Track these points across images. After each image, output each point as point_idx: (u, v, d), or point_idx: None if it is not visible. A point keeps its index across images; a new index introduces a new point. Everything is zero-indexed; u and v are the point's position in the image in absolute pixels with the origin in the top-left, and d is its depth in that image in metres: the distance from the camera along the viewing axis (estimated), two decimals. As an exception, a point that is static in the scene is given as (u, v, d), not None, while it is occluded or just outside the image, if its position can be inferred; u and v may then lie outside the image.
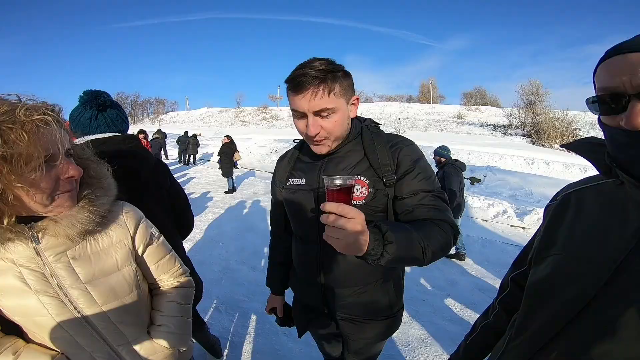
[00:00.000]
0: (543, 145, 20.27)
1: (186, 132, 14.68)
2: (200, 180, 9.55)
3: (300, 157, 1.13)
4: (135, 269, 0.88)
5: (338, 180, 0.69)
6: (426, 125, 28.96)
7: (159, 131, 13.87)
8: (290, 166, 1.12)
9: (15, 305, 0.72)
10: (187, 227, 1.59)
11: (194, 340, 1.81)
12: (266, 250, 4.02)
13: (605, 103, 0.54)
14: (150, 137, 10.77)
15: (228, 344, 2.27)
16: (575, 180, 0.74)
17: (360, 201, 0.94)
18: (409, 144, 0.99)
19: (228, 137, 8.61)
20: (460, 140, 18.14)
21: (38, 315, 0.73)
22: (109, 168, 0.86)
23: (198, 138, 14.20)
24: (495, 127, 26.59)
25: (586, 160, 0.64)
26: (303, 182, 1.05)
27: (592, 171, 0.65)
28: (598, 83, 0.56)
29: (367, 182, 0.95)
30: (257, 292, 2.94)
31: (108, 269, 0.81)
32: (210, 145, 17.05)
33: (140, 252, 0.91)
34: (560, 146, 0.76)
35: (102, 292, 0.79)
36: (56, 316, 0.74)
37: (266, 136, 19.71)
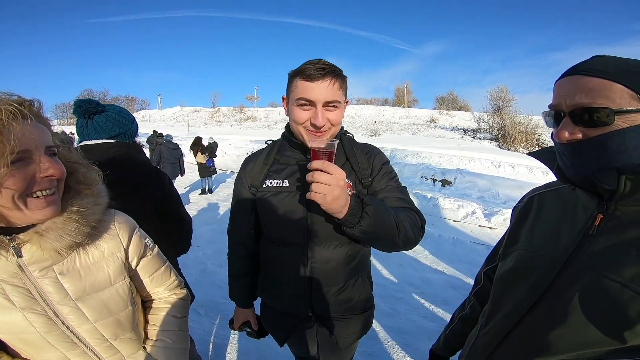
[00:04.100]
0: (509, 149, 21.41)
1: (154, 132, 14.16)
2: (173, 181, 9.27)
3: (277, 158, 1.09)
4: (130, 283, 0.82)
5: (324, 144, 0.80)
6: (400, 129, 29.71)
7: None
8: (267, 167, 1.08)
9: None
10: (179, 247, 1.48)
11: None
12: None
13: (551, 117, 0.63)
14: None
15: (211, 346, 2.27)
16: (538, 181, 0.85)
17: None
18: (379, 151, 1.12)
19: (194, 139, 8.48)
20: (432, 143, 18.75)
21: (25, 332, 0.67)
22: (100, 173, 0.79)
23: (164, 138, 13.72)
24: (465, 131, 27.73)
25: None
26: (286, 184, 1.03)
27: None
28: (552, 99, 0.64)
29: (351, 184, 1.01)
30: (237, 294, 2.93)
31: (100, 284, 0.75)
32: (183, 146, 16.57)
33: (133, 265, 0.85)
34: (527, 154, 0.85)
35: (95, 309, 0.73)
36: (45, 334, 0.69)
37: (242, 137, 19.45)
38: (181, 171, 7.19)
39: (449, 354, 1.03)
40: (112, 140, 1.26)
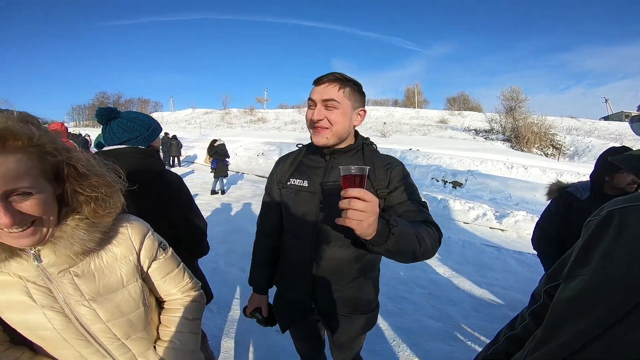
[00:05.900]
0: (522, 150, 20.99)
1: (166, 134, 14.41)
2: (186, 182, 9.46)
3: (303, 161, 1.22)
4: (142, 285, 0.86)
5: (354, 170, 0.80)
6: (411, 130, 29.48)
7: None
8: (293, 167, 1.21)
9: (20, 320, 0.72)
10: (191, 253, 1.51)
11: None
12: (255, 252, 4.07)
13: None
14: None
15: (222, 342, 2.35)
16: (543, 183, 0.79)
17: None
18: (399, 164, 1.16)
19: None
20: (443, 144, 18.58)
21: (42, 329, 0.72)
22: (122, 201, 0.80)
23: (179, 140, 14.01)
24: (477, 131, 27.33)
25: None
26: (305, 184, 1.14)
27: (575, 176, 0.71)
28: None
29: None
30: (248, 293, 2.97)
31: (113, 285, 0.79)
32: (195, 147, 16.89)
33: (145, 268, 0.89)
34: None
35: (107, 309, 0.78)
36: (61, 331, 0.73)
37: (253, 138, 19.68)
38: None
39: None
40: (120, 147, 1.28)
